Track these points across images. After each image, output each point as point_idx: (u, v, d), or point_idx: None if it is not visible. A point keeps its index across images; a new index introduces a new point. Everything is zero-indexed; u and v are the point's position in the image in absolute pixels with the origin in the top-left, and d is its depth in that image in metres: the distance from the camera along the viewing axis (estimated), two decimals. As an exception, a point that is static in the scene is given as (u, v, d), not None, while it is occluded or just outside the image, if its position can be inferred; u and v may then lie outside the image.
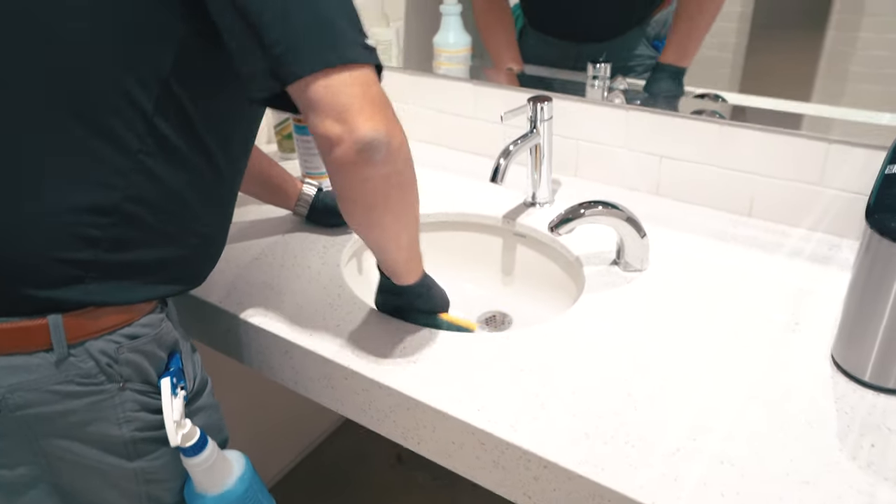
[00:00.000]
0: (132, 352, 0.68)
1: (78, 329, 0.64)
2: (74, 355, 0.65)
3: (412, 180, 0.69)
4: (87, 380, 0.65)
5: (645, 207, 1.06)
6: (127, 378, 0.68)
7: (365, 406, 0.80)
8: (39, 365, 0.63)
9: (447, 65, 1.25)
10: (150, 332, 0.69)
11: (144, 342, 0.69)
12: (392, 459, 1.72)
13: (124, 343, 0.67)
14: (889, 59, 0.93)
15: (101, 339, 0.66)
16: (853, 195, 0.93)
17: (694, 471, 0.63)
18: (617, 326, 0.82)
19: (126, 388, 0.68)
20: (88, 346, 0.65)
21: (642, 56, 1.12)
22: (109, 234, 0.65)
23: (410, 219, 0.73)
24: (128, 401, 0.68)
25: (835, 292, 0.85)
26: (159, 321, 0.71)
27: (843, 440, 0.65)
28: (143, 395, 0.69)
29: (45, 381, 0.64)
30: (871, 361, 0.69)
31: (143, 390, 0.69)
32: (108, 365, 0.66)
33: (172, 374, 0.71)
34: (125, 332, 0.67)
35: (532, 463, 0.67)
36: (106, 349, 0.66)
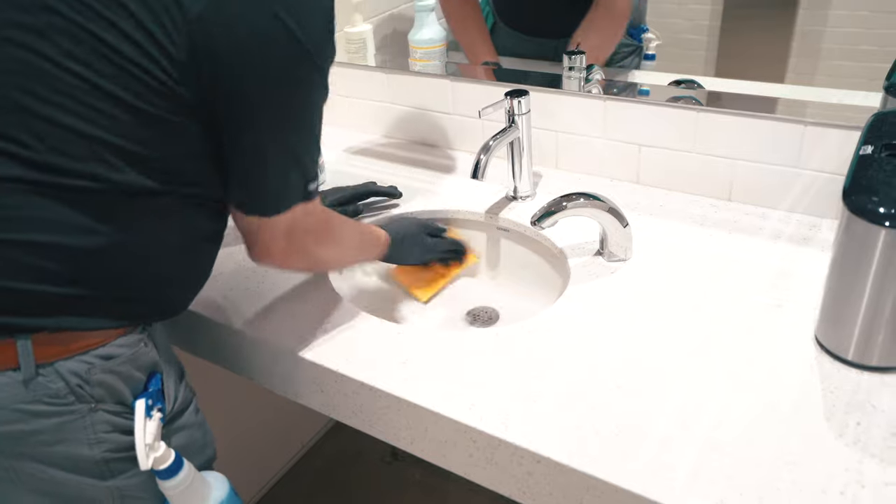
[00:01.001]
0: (105, 372, 0.66)
1: (48, 349, 0.63)
2: (43, 375, 0.63)
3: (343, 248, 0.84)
4: (56, 400, 0.64)
5: (626, 197, 1.07)
6: (99, 399, 0.66)
7: (356, 409, 0.80)
8: (6, 384, 0.62)
9: (423, 61, 1.25)
10: (125, 352, 0.68)
11: (119, 363, 0.67)
12: (387, 457, 1.72)
13: (97, 364, 0.66)
14: (861, 36, 0.94)
15: (72, 360, 0.65)
16: (830, 175, 0.94)
17: (686, 458, 0.63)
18: (603, 317, 0.82)
19: (98, 408, 0.66)
20: (58, 366, 0.64)
21: (619, 44, 1.12)
22: (92, 274, 0.64)
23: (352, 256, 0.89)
24: (99, 422, 0.67)
25: (816, 273, 0.86)
26: (136, 342, 0.69)
27: (830, 420, 0.66)
28: (116, 416, 0.68)
29: (11, 400, 0.62)
30: (854, 341, 0.70)
31: (116, 411, 0.68)
32: (79, 386, 0.65)
33: (149, 395, 0.70)
34: (99, 352, 0.66)
35: (525, 458, 0.67)
36: (77, 370, 0.65)
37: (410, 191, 1.14)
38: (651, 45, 1.10)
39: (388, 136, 1.34)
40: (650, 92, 1.07)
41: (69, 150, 0.60)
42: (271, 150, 0.67)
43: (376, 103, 1.32)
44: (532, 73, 1.18)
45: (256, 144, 0.66)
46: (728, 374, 0.72)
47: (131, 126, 0.61)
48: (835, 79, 0.97)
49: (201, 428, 0.80)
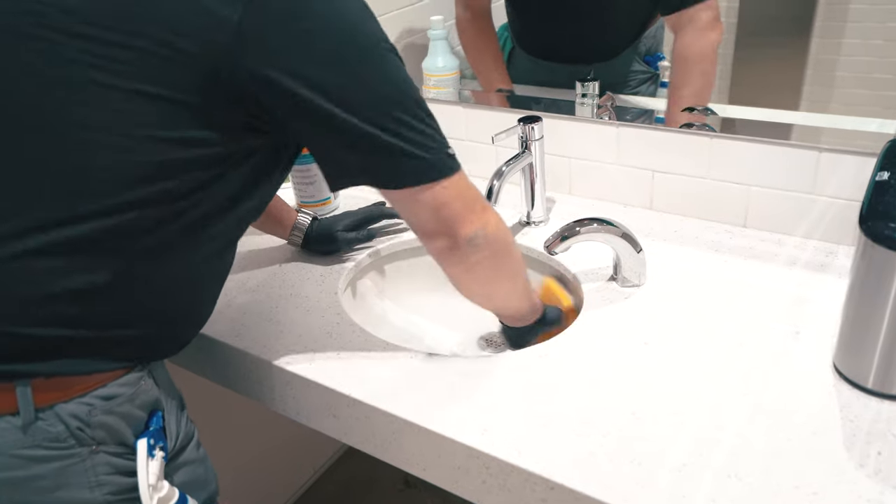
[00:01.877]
0: (106, 414, 0.65)
1: (47, 392, 0.62)
2: (43, 419, 0.62)
3: (509, 253, 0.77)
4: (56, 444, 0.63)
5: (640, 222, 1.06)
6: (100, 441, 0.65)
7: (368, 434, 0.79)
8: (4, 429, 0.61)
9: (436, 88, 1.26)
10: (126, 391, 0.67)
11: (119, 403, 0.66)
12: (400, 484, 1.71)
13: (97, 405, 0.64)
14: (874, 64, 0.94)
15: (72, 402, 0.63)
16: (846, 202, 0.94)
17: (702, 486, 0.62)
18: (617, 342, 0.82)
19: (99, 450, 0.65)
20: (58, 409, 0.63)
21: (635, 72, 1.13)
22: (93, 316, 0.63)
23: (519, 278, 0.81)
24: (100, 464, 0.65)
25: (833, 300, 0.85)
26: (137, 380, 0.68)
27: (850, 449, 0.65)
28: (117, 458, 0.66)
29: (9, 446, 0.61)
30: (874, 368, 0.69)
31: (117, 452, 0.66)
32: (79, 429, 0.63)
33: (150, 434, 0.68)
34: (99, 393, 0.65)
35: (538, 485, 0.66)
36: (77, 412, 0.63)
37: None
38: (667, 72, 1.11)
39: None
40: (666, 119, 1.07)
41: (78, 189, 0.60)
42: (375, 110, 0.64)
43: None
44: (545, 99, 1.19)
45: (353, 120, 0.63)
46: (745, 402, 0.71)
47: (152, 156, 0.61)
48: (849, 107, 0.97)
49: (203, 464, 0.78)
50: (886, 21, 0.92)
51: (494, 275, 0.77)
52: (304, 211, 1.07)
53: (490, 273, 0.76)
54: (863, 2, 0.93)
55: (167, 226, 0.64)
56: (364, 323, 0.92)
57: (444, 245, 0.71)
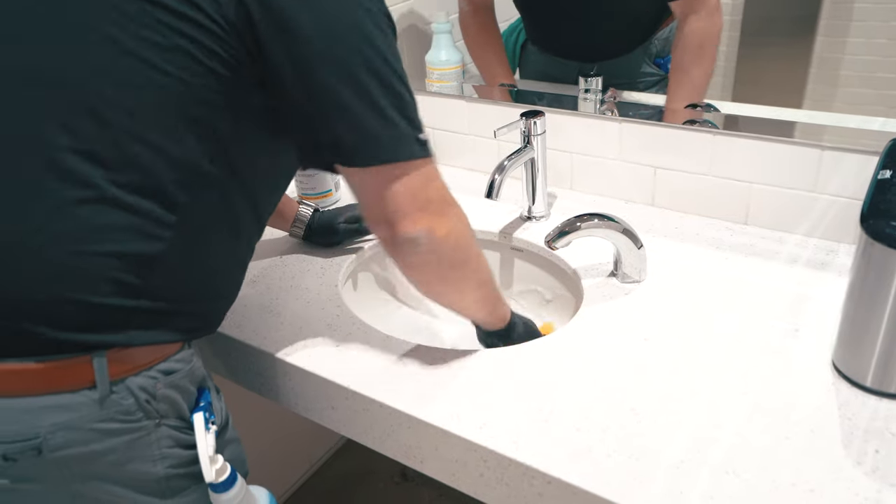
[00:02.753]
0: (168, 387, 0.67)
1: (119, 365, 0.64)
2: (116, 392, 0.63)
3: (462, 264, 0.74)
4: (127, 417, 0.64)
5: (641, 218, 1.06)
6: (163, 414, 0.67)
7: (367, 426, 0.80)
8: (83, 403, 0.62)
9: (440, 82, 1.26)
10: (183, 367, 0.69)
11: (179, 377, 0.68)
12: (397, 477, 1.71)
13: (161, 379, 0.66)
14: (879, 63, 0.94)
15: (140, 376, 0.65)
16: (848, 200, 0.93)
17: (699, 483, 0.62)
18: (617, 338, 0.82)
19: (162, 424, 0.67)
20: (129, 382, 0.64)
21: (645, 73, 1.13)
22: (151, 283, 0.64)
23: (470, 289, 0.78)
24: (164, 437, 0.67)
25: (833, 298, 0.85)
26: (191, 356, 0.71)
27: (848, 447, 0.65)
28: (177, 431, 0.68)
29: (87, 420, 0.62)
30: (872, 367, 0.69)
31: (177, 426, 0.68)
32: (147, 401, 0.65)
33: (204, 408, 0.70)
34: (161, 367, 0.67)
35: (536, 479, 0.66)
36: (145, 385, 0.65)
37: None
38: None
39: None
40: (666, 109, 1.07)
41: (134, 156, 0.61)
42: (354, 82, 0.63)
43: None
44: (548, 94, 1.18)
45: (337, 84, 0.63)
46: (744, 399, 0.71)
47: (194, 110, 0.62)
48: (852, 105, 0.97)
49: (240, 444, 0.80)
50: (890, 20, 0.92)
51: (439, 280, 0.74)
52: (305, 203, 1.07)
53: (434, 277, 0.73)
54: (867, 1, 0.93)
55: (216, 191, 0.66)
56: (364, 315, 0.92)
57: (382, 235, 0.69)
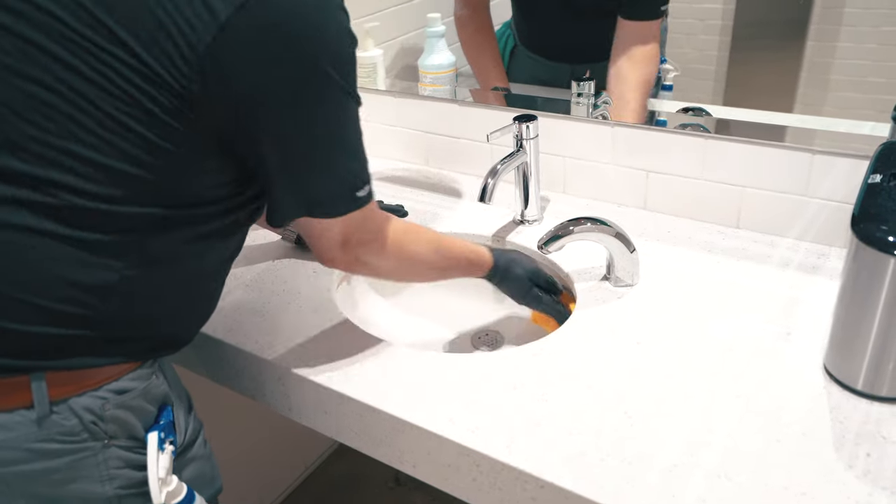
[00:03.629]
0: (119, 408, 0.65)
1: (61, 387, 0.62)
2: (57, 412, 0.62)
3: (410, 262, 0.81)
4: (70, 437, 0.62)
5: (633, 222, 1.07)
6: (112, 435, 0.65)
7: (359, 431, 0.79)
8: (19, 423, 0.60)
9: (433, 86, 1.26)
10: (138, 385, 0.67)
11: (132, 397, 0.66)
12: (390, 481, 1.70)
13: (110, 398, 0.64)
14: (868, 67, 0.94)
15: (85, 396, 0.63)
16: (839, 204, 0.94)
17: (692, 486, 0.62)
18: (610, 342, 0.82)
19: (111, 444, 0.65)
20: (72, 402, 0.62)
21: None
22: (103, 314, 0.63)
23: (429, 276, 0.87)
24: (112, 457, 0.65)
25: (825, 301, 0.85)
26: (149, 375, 0.68)
27: (840, 450, 0.65)
28: (128, 451, 0.66)
29: (23, 440, 0.61)
30: (864, 370, 0.69)
31: (128, 446, 0.66)
32: (93, 422, 0.63)
33: (161, 427, 0.68)
34: (112, 387, 0.65)
35: (528, 484, 0.66)
36: (91, 406, 0.63)
37: (418, 213, 1.14)
38: (669, 75, 1.11)
39: (396, 160, 1.35)
40: (667, 122, 1.07)
41: (82, 186, 0.59)
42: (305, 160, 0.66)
43: (386, 127, 1.33)
44: (540, 98, 1.19)
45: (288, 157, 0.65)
46: (736, 402, 0.71)
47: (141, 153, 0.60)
48: (843, 110, 0.97)
49: (209, 460, 0.78)
50: (880, 25, 0.93)
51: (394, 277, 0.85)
52: None
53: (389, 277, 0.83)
54: (857, 6, 0.93)
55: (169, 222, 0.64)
56: (357, 320, 0.91)
57: (330, 262, 0.75)
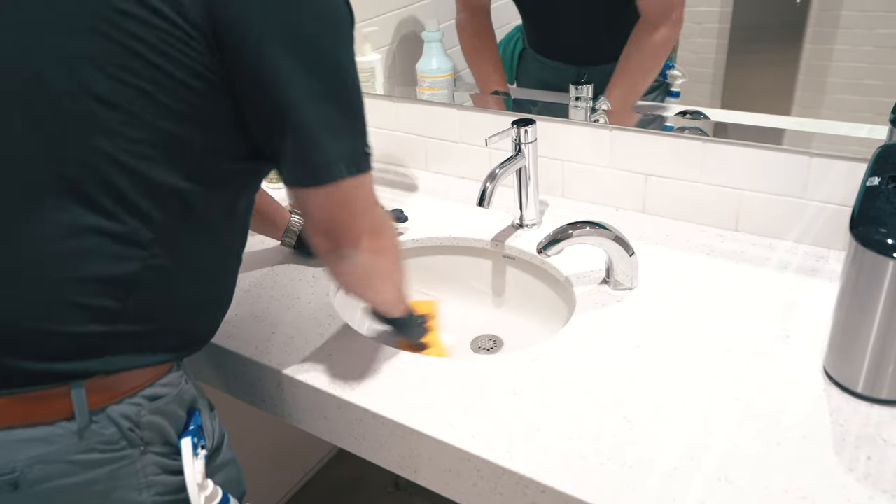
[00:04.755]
0: (154, 413, 0.65)
1: (100, 395, 0.62)
2: (96, 422, 0.62)
3: (389, 269, 0.76)
4: (109, 446, 0.63)
5: (632, 226, 1.07)
6: (148, 441, 0.65)
7: (359, 436, 0.79)
8: (61, 435, 0.60)
9: (431, 90, 1.26)
10: (170, 391, 0.67)
11: (165, 402, 0.66)
12: (390, 486, 1.70)
13: (145, 405, 0.65)
14: (866, 70, 0.95)
15: (122, 403, 0.63)
16: (837, 207, 0.94)
17: (692, 490, 0.62)
18: (609, 346, 0.82)
19: (147, 451, 0.65)
20: (110, 411, 0.62)
21: None
22: (129, 306, 0.63)
23: (386, 290, 0.79)
24: (149, 464, 0.65)
25: (824, 304, 0.85)
26: (179, 379, 0.69)
27: (840, 453, 0.65)
28: (164, 458, 0.67)
29: (66, 452, 0.60)
30: (863, 373, 0.69)
31: (163, 452, 0.67)
32: (131, 429, 0.64)
33: (192, 433, 0.68)
34: (146, 393, 0.65)
35: (529, 488, 0.66)
36: (128, 413, 0.63)
37: (417, 218, 1.14)
38: (676, 81, 1.11)
39: (395, 164, 1.35)
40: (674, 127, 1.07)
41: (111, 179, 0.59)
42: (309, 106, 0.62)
43: (384, 131, 1.33)
44: (539, 102, 1.19)
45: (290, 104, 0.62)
46: (736, 406, 0.71)
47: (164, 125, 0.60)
48: (840, 112, 0.97)
49: (235, 464, 0.78)
50: (877, 28, 0.93)
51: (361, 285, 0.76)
52: (297, 212, 1.07)
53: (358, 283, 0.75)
54: (854, 9, 0.94)
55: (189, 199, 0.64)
56: (356, 325, 0.91)
57: (323, 247, 0.70)
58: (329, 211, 0.66)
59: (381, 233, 0.72)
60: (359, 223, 0.68)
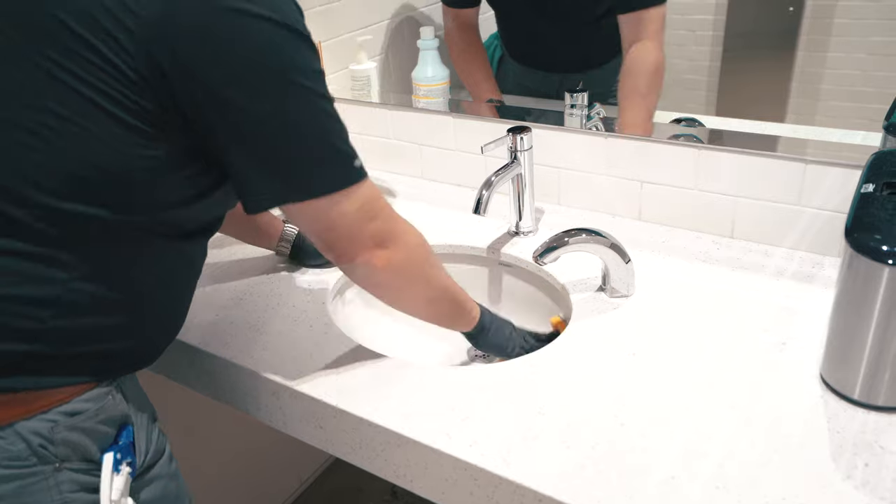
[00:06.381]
0: (70, 430, 0.63)
1: (6, 410, 0.60)
2: (3, 437, 0.60)
3: (411, 280, 0.77)
4: (17, 462, 0.60)
5: (628, 233, 1.07)
6: (63, 458, 0.63)
7: (355, 445, 0.79)
8: None
9: (426, 98, 1.26)
10: (91, 407, 0.64)
11: (84, 419, 0.64)
12: (387, 495, 1.69)
13: (61, 421, 0.62)
14: (859, 77, 0.95)
15: (33, 419, 0.61)
16: (832, 213, 0.94)
17: (690, 497, 0.62)
18: (606, 353, 0.82)
19: (63, 468, 0.63)
20: (19, 427, 0.60)
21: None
22: (50, 327, 0.61)
23: (421, 304, 0.81)
24: (65, 481, 0.63)
25: (820, 310, 0.86)
26: (103, 395, 0.66)
27: (837, 460, 0.65)
28: (82, 474, 0.64)
29: None
30: (860, 379, 0.69)
31: (82, 469, 0.64)
32: (42, 446, 0.61)
33: (118, 448, 0.66)
34: (63, 409, 0.63)
35: (526, 497, 0.66)
36: (39, 429, 0.61)
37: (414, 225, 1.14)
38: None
39: (391, 172, 1.35)
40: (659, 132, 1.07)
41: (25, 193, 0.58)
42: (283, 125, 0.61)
43: (380, 139, 1.34)
44: (534, 109, 1.19)
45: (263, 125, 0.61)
46: (732, 413, 0.71)
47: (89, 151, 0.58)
48: (834, 119, 0.98)
49: (175, 479, 0.76)
50: (869, 35, 0.93)
51: (392, 298, 0.79)
52: (290, 222, 1.07)
53: (387, 295, 0.78)
54: (847, 17, 0.94)
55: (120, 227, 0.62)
56: (352, 333, 0.91)
57: (334, 260, 0.72)
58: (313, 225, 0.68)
59: (385, 243, 0.71)
60: (356, 234, 0.69)
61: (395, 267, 0.73)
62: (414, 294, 0.79)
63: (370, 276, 0.73)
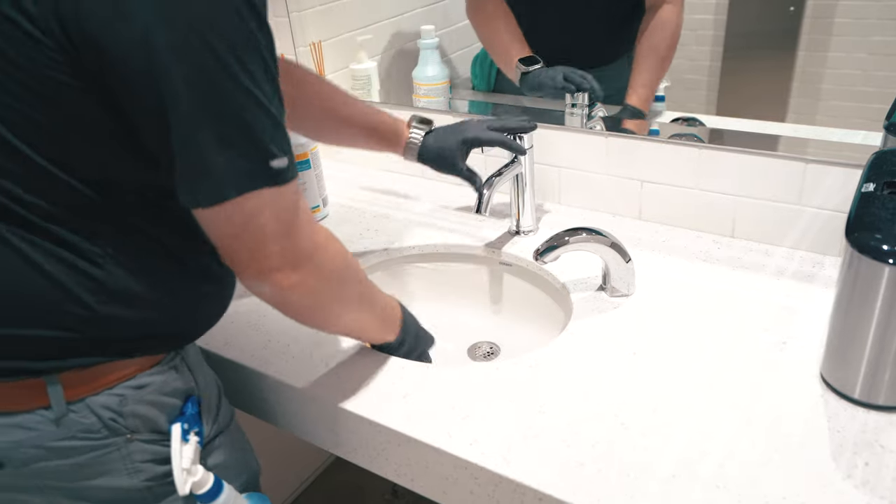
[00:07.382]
0: (138, 403, 0.65)
1: (76, 387, 0.63)
2: (75, 411, 0.63)
3: (323, 305, 0.68)
4: (90, 434, 0.64)
5: (629, 232, 1.07)
6: (133, 429, 0.66)
7: (356, 444, 0.79)
8: (39, 422, 0.62)
9: (426, 97, 1.26)
10: (157, 380, 0.67)
11: (149, 392, 0.66)
12: (388, 494, 1.69)
13: (129, 395, 0.65)
14: (859, 77, 0.95)
15: (102, 394, 0.64)
16: (833, 213, 0.94)
17: (691, 497, 0.62)
18: (606, 353, 0.82)
19: (134, 439, 0.66)
20: (89, 401, 0.63)
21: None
22: (99, 315, 0.62)
23: (333, 327, 0.74)
24: (136, 451, 0.66)
25: (820, 310, 0.86)
26: (168, 368, 0.68)
27: (837, 460, 0.65)
28: (152, 444, 0.67)
29: (45, 438, 0.62)
30: (860, 379, 0.69)
31: (152, 439, 0.67)
32: (112, 419, 0.64)
33: (185, 419, 0.68)
34: (130, 383, 0.65)
35: (527, 496, 0.66)
36: (108, 404, 0.64)
37: (413, 225, 1.14)
38: (661, 86, 1.11)
39: (390, 172, 1.35)
40: (659, 131, 1.07)
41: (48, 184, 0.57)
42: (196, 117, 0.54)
43: (380, 138, 1.34)
44: (535, 109, 1.19)
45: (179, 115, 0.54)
46: (733, 412, 0.71)
47: None
48: (835, 118, 0.98)
49: (242, 446, 0.78)
50: (870, 35, 0.93)
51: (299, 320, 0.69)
52: (416, 126, 0.99)
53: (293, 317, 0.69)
54: (847, 16, 0.94)
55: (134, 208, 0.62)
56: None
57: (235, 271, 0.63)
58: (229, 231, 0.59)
59: (296, 266, 0.63)
60: (270, 244, 0.60)
61: (305, 290, 0.64)
62: (325, 317, 0.71)
63: (275, 296, 0.64)
